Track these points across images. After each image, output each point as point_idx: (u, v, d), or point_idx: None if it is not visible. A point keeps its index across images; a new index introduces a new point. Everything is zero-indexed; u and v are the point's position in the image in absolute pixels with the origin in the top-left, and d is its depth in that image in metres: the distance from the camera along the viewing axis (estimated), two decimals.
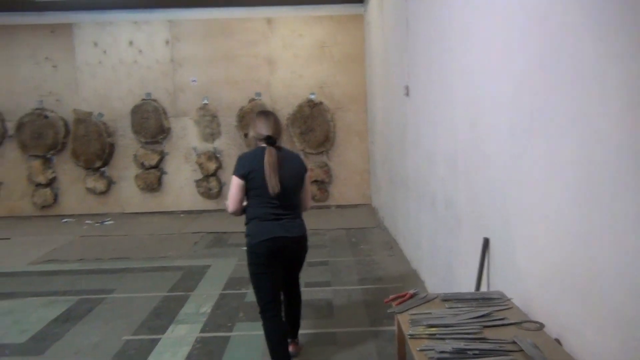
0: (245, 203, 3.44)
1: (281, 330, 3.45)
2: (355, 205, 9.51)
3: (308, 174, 3.59)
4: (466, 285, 3.49)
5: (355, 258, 6.30)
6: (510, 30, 2.64)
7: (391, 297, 2.61)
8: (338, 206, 9.46)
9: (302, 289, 4.33)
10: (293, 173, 3.43)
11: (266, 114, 3.56)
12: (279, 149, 3.42)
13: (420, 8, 4.72)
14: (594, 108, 1.88)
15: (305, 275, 5.56)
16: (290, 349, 3.63)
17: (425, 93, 4.62)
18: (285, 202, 3.37)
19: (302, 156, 3.96)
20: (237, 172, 3.34)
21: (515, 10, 2.58)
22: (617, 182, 1.75)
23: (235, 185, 3.34)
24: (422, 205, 4.97)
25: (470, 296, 2.60)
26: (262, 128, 3.42)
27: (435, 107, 4.27)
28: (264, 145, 3.38)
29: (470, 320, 2.27)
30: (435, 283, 4.55)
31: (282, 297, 3.63)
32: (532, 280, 2.48)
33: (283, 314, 3.61)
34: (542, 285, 2.37)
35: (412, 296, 2.59)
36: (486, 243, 3.03)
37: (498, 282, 2.90)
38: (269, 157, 3.28)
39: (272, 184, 3.26)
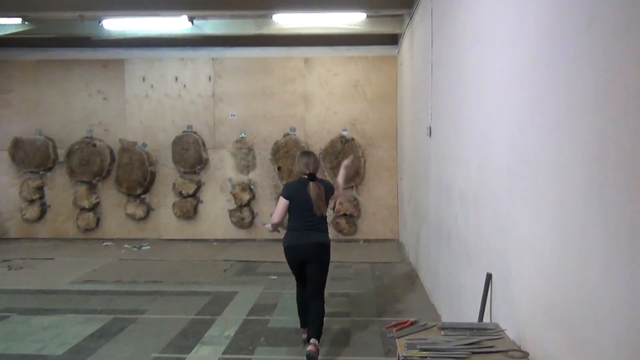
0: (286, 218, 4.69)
1: (302, 300, 4.73)
2: (383, 240, 9.68)
3: (334, 187, 4.88)
4: (474, 319, 3.64)
5: (377, 291, 6.46)
6: (508, 82, 2.89)
7: (392, 323, 2.82)
8: (366, 240, 9.65)
9: (325, 318, 4.72)
10: (322, 199, 4.58)
11: (308, 154, 4.79)
12: (318, 180, 4.61)
13: (442, 56, 5.01)
14: (568, 156, 2.10)
15: (328, 307, 5.79)
16: (309, 348, 4.28)
17: (445, 134, 4.86)
18: (316, 219, 4.57)
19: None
20: (284, 195, 4.62)
21: (512, 66, 2.83)
22: (587, 225, 1.95)
23: (281, 203, 4.60)
24: (440, 240, 5.16)
25: (466, 326, 2.78)
26: (305, 166, 4.61)
27: (453, 147, 4.50)
28: (305, 177, 4.57)
29: (460, 347, 2.46)
30: (448, 316, 4.70)
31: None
32: (523, 312, 2.66)
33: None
34: (532, 316, 2.55)
35: (412, 324, 2.80)
36: (489, 278, 3.21)
37: (498, 314, 3.07)
38: (314, 189, 4.52)
39: (318, 208, 4.52)
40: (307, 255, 4.54)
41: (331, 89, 9.75)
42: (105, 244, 9.65)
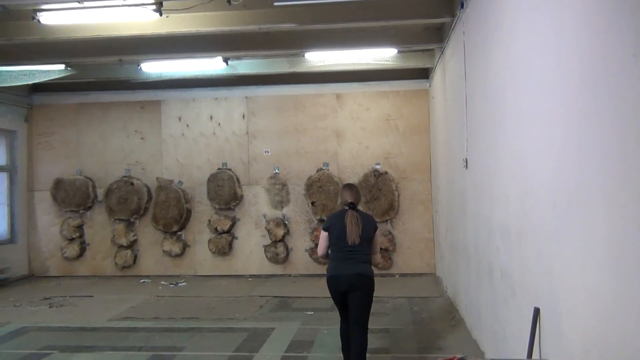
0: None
1: (345, 334, 4.66)
2: (419, 274, 9.53)
3: (378, 231, 4.78)
4: (521, 355, 3.53)
5: (416, 327, 6.34)
6: (550, 114, 2.87)
7: (439, 359, 2.75)
8: (402, 274, 9.52)
9: None
10: (365, 229, 4.62)
11: (350, 186, 4.98)
12: (357, 211, 4.68)
13: (476, 89, 5.02)
14: (619, 189, 2.06)
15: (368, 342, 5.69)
16: None
17: (482, 166, 4.82)
18: (355, 249, 4.56)
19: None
20: (324, 227, 4.76)
21: (554, 98, 2.81)
22: None
23: (322, 236, 4.73)
24: (481, 274, 5.05)
25: None
26: (347, 196, 4.73)
27: (491, 180, 4.45)
28: (346, 208, 4.67)
29: None
30: (493, 353, 4.56)
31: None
32: (575, 348, 2.56)
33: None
34: (585, 353, 2.46)
35: None
36: (537, 312, 3.12)
37: (547, 349, 2.97)
38: (350, 218, 4.59)
39: (352, 237, 4.54)
40: (348, 286, 4.51)
41: (363, 123, 9.81)
42: (142, 281, 9.75)
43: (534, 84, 3.17)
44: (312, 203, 9.65)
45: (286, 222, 9.84)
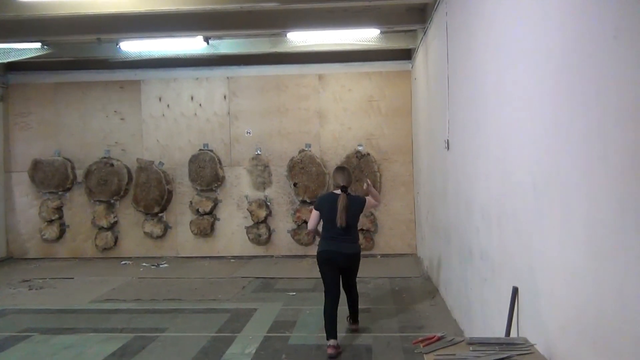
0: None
1: (331, 310, 4.97)
2: (401, 255, 9.62)
3: (367, 202, 5.30)
4: (499, 333, 3.60)
5: (397, 306, 6.42)
6: (532, 95, 2.88)
7: (419, 338, 2.79)
8: (383, 255, 9.60)
9: (344, 334, 5.15)
10: (355, 212, 5.10)
11: (342, 168, 5.37)
12: (348, 194, 5.05)
13: (458, 69, 5.02)
14: (599, 171, 2.08)
15: (347, 323, 5.76)
16: (353, 327, 5.42)
17: (464, 148, 4.85)
18: (345, 230, 5.00)
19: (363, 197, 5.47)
20: (315, 206, 5.25)
21: (536, 79, 2.83)
22: (623, 240, 1.92)
23: (314, 214, 5.21)
24: (461, 255, 5.12)
25: (495, 340, 2.75)
26: (339, 179, 5.13)
27: (472, 161, 4.48)
28: (338, 191, 5.09)
29: None
30: (472, 332, 4.64)
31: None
32: (553, 327, 2.62)
33: (347, 305, 5.39)
34: (562, 331, 2.51)
35: (439, 339, 2.76)
36: (515, 292, 3.18)
37: (526, 328, 3.03)
38: (342, 202, 4.97)
39: (341, 221, 4.94)
40: (339, 262, 5.08)
41: (345, 104, 9.79)
42: (123, 262, 9.70)
43: (516, 65, 3.18)
44: (295, 184, 9.65)
45: (268, 204, 9.83)
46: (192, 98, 10.01)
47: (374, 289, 7.20)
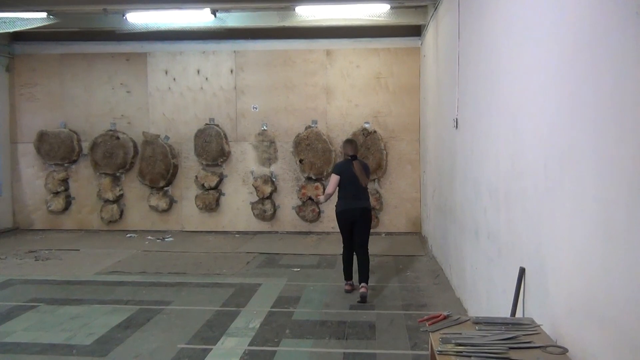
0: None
1: (348, 257, 6.08)
2: (405, 233, 9.62)
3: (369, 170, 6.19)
4: (504, 313, 3.60)
5: (401, 284, 6.43)
6: (546, 73, 2.82)
7: (425, 317, 2.79)
8: (388, 233, 9.61)
9: (347, 310, 5.23)
10: (367, 174, 6.03)
11: (350, 141, 6.28)
12: (360, 161, 6.03)
13: (469, 46, 4.94)
14: (613, 150, 2.04)
15: (352, 299, 5.78)
16: (362, 290, 5.73)
17: (473, 126, 4.79)
18: (360, 190, 5.93)
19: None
20: (335, 171, 6.05)
21: (550, 57, 2.77)
22: (634, 220, 1.89)
23: (334, 178, 5.98)
24: (467, 234, 5.10)
25: (501, 320, 2.74)
26: (349, 150, 6.06)
27: (481, 140, 4.43)
28: (349, 158, 5.99)
29: (497, 342, 2.42)
30: (476, 311, 4.64)
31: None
32: (560, 307, 2.60)
33: (356, 266, 6.01)
34: (569, 312, 2.50)
35: (445, 317, 2.76)
36: (522, 272, 3.16)
37: (531, 309, 3.02)
38: (357, 166, 5.93)
39: (364, 180, 5.92)
40: (355, 217, 5.89)
41: (353, 81, 9.69)
42: (129, 235, 9.74)
43: (531, 41, 3.12)
44: (300, 161, 9.62)
45: (274, 180, 9.81)
46: (198, 72, 9.93)
47: (378, 267, 7.21)
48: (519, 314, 3.17)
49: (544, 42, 2.87)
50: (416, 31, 9.44)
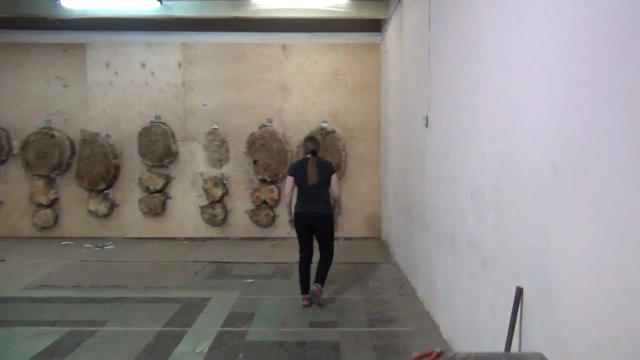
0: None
1: (304, 267, 5.55)
2: (365, 238, 9.15)
3: (335, 174, 5.63)
4: (492, 340, 3.13)
5: (364, 296, 5.92)
6: (554, 58, 2.35)
7: (416, 355, 2.25)
8: (346, 238, 9.10)
9: (307, 328, 4.76)
10: (324, 173, 5.52)
11: (312, 137, 5.83)
12: (318, 158, 5.57)
13: (444, 37, 4.47)
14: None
15: (312, 314, 5.23)
16: (315, 289, 5.44)
17: (450, 123, 4.32)
18: (316, 191, 5.48)
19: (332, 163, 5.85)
20: (288, 172, 5.66)
21: (556, 31, 2.30)
22: None
23: (288, 180, 5.61)
24: (439, 242, 4.63)
25: (505, 358, 2.24)
26: (310, 145, 5.60)
27: (461, 138, 3.96)
28: (308, 156, 5.55)
29: None
30: (453, 331, 4.17)
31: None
32: (579, 342, 2.12)
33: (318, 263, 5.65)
34: (593, 349, 2.02)
35: (439, 355, 2.24)
36: (519, 293, 2.68)
37: (535, 340, 2.53)
38: (311, 163, 5.49)
39: (312, 178, 5.44)
40: (313, 224, 5.51)
41: (310, 77, 9.16)
42: (64, 243, 8.87)
43: (533, 19, 2.63)
44: (254, 162, 9.00)
45: (225, 182, 9.16)
46: (143, 65, 9.17)
47: (338, 276, 6.68)
48: (515, 344, 2.69)
49: (553, 18, 2.39)
50: (376, 26, 9.00)
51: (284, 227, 9.12)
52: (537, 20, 2.56)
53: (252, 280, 6.54)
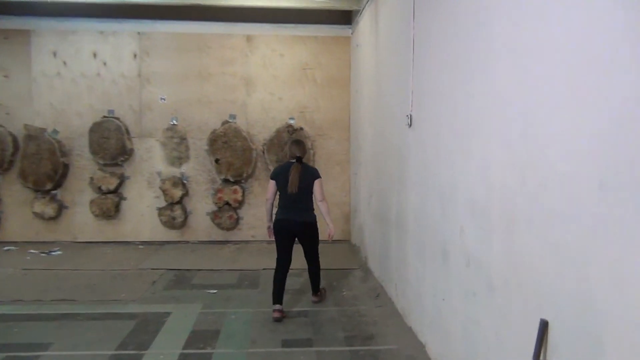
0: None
1: (279, 276, 5.19)
2: (334, 241, 8.69)
3: (319, 180, 5.32)
4: (493, 357, 2.74)
5: (339, 308, 5.49)
6: (597, 49, 1.94)
7: None
8: None
9: (279, 348, 4.32)
10: (307, 181, 5.22)
11: (298, 141, 5.43)
12: (302, 164, 5.27)
13: (434, 24, 4.05)
14: None
15: (284, 331, 4.77)
16: (314, 299, 5.57)
17: (438, 123, 3.91)
18: (298, 198, 5.20)
19: (318, 169, 5.52)
20: (271, 176, 5.37)
21: (604, 21, 1.89)
22: None
23: (270, 184, 5.34)
24: (426, 254, 4.22)
25: None
26: (295, 151, 5.30)
27: (454, 142, 3.55)
28: (293, 160, 5.27)
29: None
30: (445, 348, 3.77)
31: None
32: None
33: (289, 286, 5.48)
34: None
35: None
36: (544, 326, 2.28)
37: None
38: (294, 170, 5.18)
39: (292, 187, 5.15)
40: (295, 232, 5.27)
41: (276, 71, 8.65)
42: (6, 248, 8.10)
43: None
44: (216, 160, 8.44)
45: (185, 182, 8.55)
46: (94, 55, 8.45)
47: (308, 285, 6.20)
48: None
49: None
50: (345, 19, 8.57)
51: (248, 230, 8.61)
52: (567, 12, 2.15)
53: (215, 291, 6.01)
